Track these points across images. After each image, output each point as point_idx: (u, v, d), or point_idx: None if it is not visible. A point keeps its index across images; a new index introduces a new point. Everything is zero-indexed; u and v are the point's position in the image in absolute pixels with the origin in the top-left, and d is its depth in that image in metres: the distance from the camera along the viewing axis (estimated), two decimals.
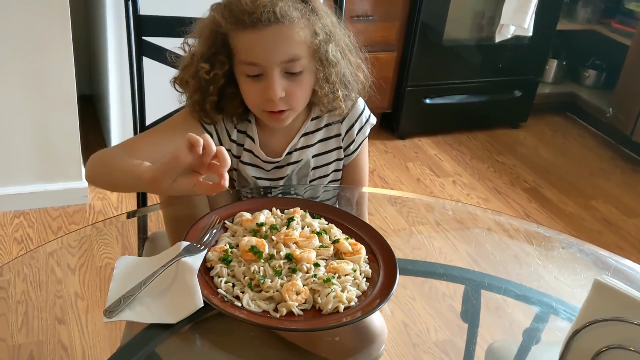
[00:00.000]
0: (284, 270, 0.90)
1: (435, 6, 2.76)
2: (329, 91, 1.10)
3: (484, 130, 3.16)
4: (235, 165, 1.19)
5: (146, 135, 1.20)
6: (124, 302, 0.82)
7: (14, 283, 0.94)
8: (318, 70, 1.08)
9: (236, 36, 1.04)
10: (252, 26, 1.00)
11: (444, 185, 2.69)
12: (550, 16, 2.96)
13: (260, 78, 1.04)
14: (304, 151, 1.18)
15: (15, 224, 2.16)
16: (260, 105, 1.07)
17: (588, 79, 3.39)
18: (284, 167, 1.19)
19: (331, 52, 1.07)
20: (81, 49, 2.67)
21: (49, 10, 1.98)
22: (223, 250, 0.92)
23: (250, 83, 1.05)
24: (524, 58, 3.05)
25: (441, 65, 2.93)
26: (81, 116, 2.23)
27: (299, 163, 1.19)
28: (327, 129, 1.19)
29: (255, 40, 1.01)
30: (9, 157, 2.17)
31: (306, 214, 1.02)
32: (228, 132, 1.16)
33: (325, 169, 1.22)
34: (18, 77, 2.05)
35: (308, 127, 1.18)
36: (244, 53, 1.04)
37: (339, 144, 1.20)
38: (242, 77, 1.06)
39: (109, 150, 1.13)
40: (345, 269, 0.91)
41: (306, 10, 1.04)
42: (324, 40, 1.06)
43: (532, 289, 1.06)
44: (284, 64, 1.03)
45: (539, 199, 2.67)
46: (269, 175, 1.20)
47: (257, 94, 1.06)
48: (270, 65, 1.02)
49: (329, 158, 1.21)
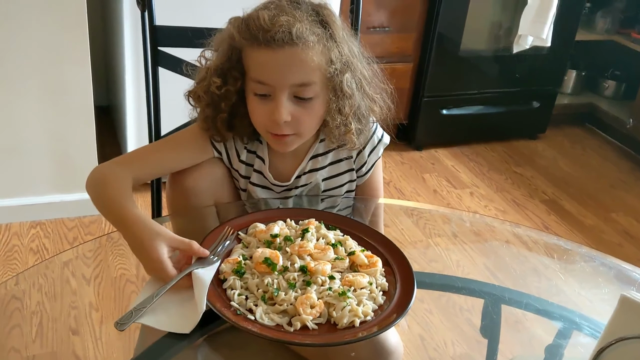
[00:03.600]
0: (298, 283, 0.88)
1: (452, 17, 2.74)
2: (341, 123, 1.06)
3: (501, 142, 3.12)
4: (244, 185, 1.17)
5: (153, 149, 1.18)
6: (135, 315, 0.81)
7: (29, 293, 0.94)
8: (331, 101, 1.04)
9: (249, 52, 1.01)
10: (265, 44, 0.98)
11: (461, 196, 2.66)
12: (569, 26, 2.93)
13: (269, 99, 1.01)
14: (313, 174, 1.15)
15: (31, 234, 2.16)
16: (265, 125, 1.04)
17: (607, 90, 3.35)
18: (292, 190, 1.17)
19: (346, 83, 1.03)
20: (98, 61, 2.69)
21: (67, 22, 1.99)
22: (236, 262, 0.90)
23: (258, 102, 1.03)
24: (542, 69, 3.01)
25: (458, 76, 2.90)
26: (98, 127, 2.23)
27: (308, 186, 1.17)
28: (336, 152, 1.16)
29: (266, 60, 0.99)
30: (26, 168, 2.17)
31: (321, 225, 1.01)
32: (238, 153, 1.14)
33: (338, 192, 1.19)
34: (36, 88, 2.06)
35: (317, 150, 1.15)
36: (254, 70, 1.01)
37: (350, 166, 1.18)
38: (251, 95, 1.04)
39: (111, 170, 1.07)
40: (361, 282, 0.89)
41: (324, 36, 1.01)
42: (339, 70, 1.02)
43: (553, 303, 1.03)
44: (294, 88, 1.00)
45: (558, 211, 2.62)
46: (278, 197, 1.18)
47: (263, 114, 1.03)
48: (280, 86, 0.99)
49: (340, 180, 1.18)
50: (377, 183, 1.23)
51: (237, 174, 1.17)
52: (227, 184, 1.17)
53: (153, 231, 0.91)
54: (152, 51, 1.30)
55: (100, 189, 1.02)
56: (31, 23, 1.95)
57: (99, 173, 1.06)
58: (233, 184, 1.19)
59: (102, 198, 1.01)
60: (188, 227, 1.12)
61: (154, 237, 0.90)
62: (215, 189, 1.13)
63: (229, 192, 1.18)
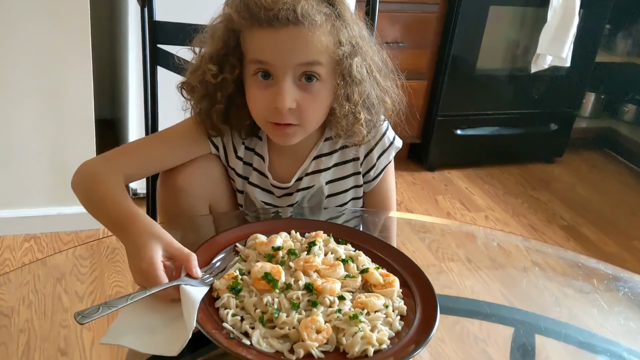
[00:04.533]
0: (303, 304, 0.80)
1: (468, 34, 2.70)
2: (349, 112, 0.98)
3: (517, 164, 3.07)
4: (241, 186, 1.10)
5: (144, 143, 1.10)
6: (102, 311, 0.73)
7: (18, 310, 0.89)
8: (339, 86, 0.97)
9: (249, 34, 0.93)
10: (267, 24, 0.90)
11: (476, 220, 2.58)
12: (589, 48, 2.89)
13: (270, 84, 0.94)
14: (316, 176, 1.08)
15: (24, 248, 2.11)
16: (265, 114, 0.96)
17: (627, 114, 3.31)
18: (293, 194, 1.09)
19: (355, 68, 0.96)
20: (104, 74, 2.69)
21: (69, 30, 1.97)
22: (232, 277, 0.82)
23: (258, 87, 0.95)
24: (560, 90, 2.96)
25: (473, 95, 2.86)
26: (101, 140, 2.21)
27: (310, 190, 1.09)
28: (342, 152, 1.08)
29: (269, 40, 0.91)
30: (22, 179, 2.14)
31: (330, 238, 0.93)
32: (235, 148, 1.07)
33: (342, 197, 1.11)
34: (34, 96, 2.03)
35: (321, 149, 1.07)
36: (255, 53, 0.93)
37: (356, 169, 1.10)
38: (250, 80, 0.96)
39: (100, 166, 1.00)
40: (375, 304, 0.80)
41: (332, 15, 0.94)
42: (348, 53, 0.95)
43: (596, 334, 0.93)
44: (298, 69, 0.92)
45: (577, 237, 2.55)
46: (278, 202, 1.10)
47: (264, 101, 0.95)
48: (283, 67, 0.92)
49: (345, 185, 1.10)
50: (388, 192, 1.15)
51: (233, 172, 1.10)
52: (222, 184, 1.10)
53: (153, 231, 0.84)
54: (151, 48, 1.26)
55: (90, 187, 0.95)
56: (31, 29, 1.93)
57: (87, 170, 0.99)
58: (229, 184, 1.12)
59: (92, 197, 0.94)
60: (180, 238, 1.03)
61: (151, 237, 0.83)
62: (209, 189, 1.07)
63: (224, 192, 1.11)
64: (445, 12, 2.65)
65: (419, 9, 2.61)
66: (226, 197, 1.11)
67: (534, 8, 2.73)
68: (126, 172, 0.98)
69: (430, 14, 2.63)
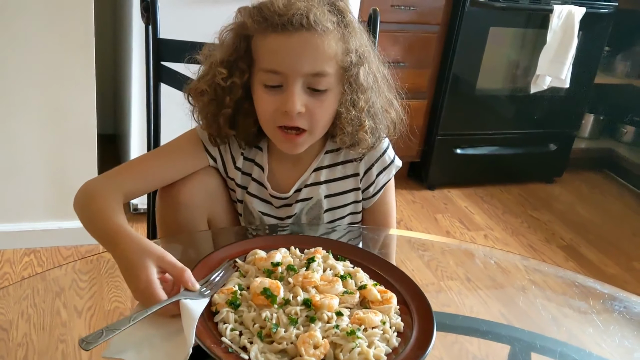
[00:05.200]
0: (301, 319, 0.79)
1: (468, 54, 2.71)
2: (355, 117, 1.00)
3: (517, 184, 3.07)
4: (240, 196, 1.10)
5: (143, 159, 1.11)
6: (106, 335, 0.73)
7: (17, 324, 0.88)
8: (345, 93, 0.98)
9: (261, 39, 0.96)
10: (281, 29, 0.93)
11: (475, 239, 2.57)
12: (588, 69, 2.91)
13: (279, 90, 0.96)
14: (315, 188, 1.08)
15: (24, 262, 2.10)
16: (274, 119, 0.98)
17: (626, 135, 3.31)
18: (292, 205, 1.09)
19: (362, 76, 0.98)
20: (107, 89, 2.69)
21: (73, 46, 1.97)
22: (231, 292, 0.82)
23: (267, 93, 0.97)
24: (559, 111, 2.97)
25: (473, 115, 2.86)
26: (103, 155, 2.20)
27: (309, 202, 1.09)
28: (343, 167, 1.09)
29: (280, 45, 0.93)
30: (23, 193, 2.12)
31: (329, 254, 0.92)
32: (234, 159, 1.08)
33: (341, 212, 1.12)
34: (36, 110, 2.02)
35: (321, 161, 1.08)
36: (265, 59, 0.95)
37: (356, 184, 1.10)
38: (259, 87, 0.98)
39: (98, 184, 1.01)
40: (372, 320, 0.80)
41: (341, 24, 0.96)
42: (356, 61, 0.97)
43: (592, 353, 0.92)
44: (308, 78, 0.94)
45: (577, 258, 2.53)
46: (277, 212, 1.10)
47: (273, 106, 0.96)
48: (293, 74, 0.94)
49: (344, 200, 1.11)
50: (388, 210, 1.15)
51: (233, 183, 1.10)
52: (221, 197, 1.10)
53: (143, 248, 0.83)
54: (155, 65, 1.26)
55: (86, 204, 0.96)
56: (36, 44, 1.93)
57: (87, 188, 0.99)
58: (227, 197, 1.12)
59: (87, 213, 0.95)
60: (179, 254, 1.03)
61: (144, 254, 0.82)
62: (208, 202, 1.07)
63: (223, 206, 1.11)
64: (446, 32, 2.66)
65: (420, 29, 2.63)
66: (225, 210, 1.11)
67: (534, 29, 2.75)
68: (126, 189, 0.99)
69: (431, 34, 2.65)
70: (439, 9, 2.61)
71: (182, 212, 1.04)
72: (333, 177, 1.09)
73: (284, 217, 1.10)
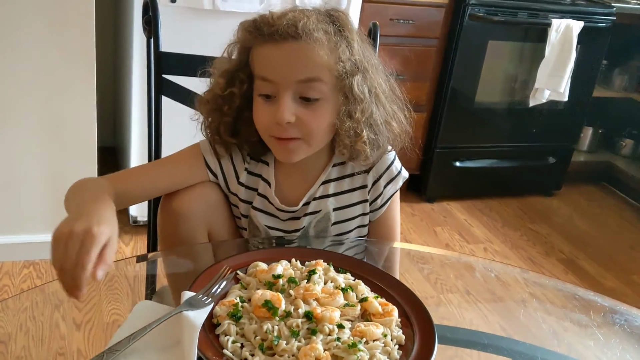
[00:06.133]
0: (302, 331, 0.79)
1: (467, 68, 2.73)
2: (351, 128, 0.99)
3: (516, 197, 3.07)
4: (245, 211, 1.10)
5: (144, 165, 1.13)
6: (106, 357, 0.72)
7: (16, 337, 0.87)
8: (341, 103, 0.99)
9: (256, 49, 0.99)
10: (269, 38, 0.95)
11: (475, 251, 2.56)
12: (586, 82, 2.92)
13: (273, 100, 0.97)
14: (323, 201, 1.08)
15: (23, 274, 2.09)
16: (268, 129, 0.99)
17: (625, 149, 3.31)
18: (300, 219, 1.09)
19: (357, 86, 0.98)
20: (108, 102, 2.69)
21: (74, 59, 1.97)
22: (232, 305, 0.81)
23: (262, 104, 0.99)
24: (558, 124, 2.98)
25: (472, 128, 2.87)
26: (102, 168, 2.19)
27: (317, 215, 1.09)
28: (351, 180, 1.09)
29: (270, 54, 0.96)
30: (22, 205, 2.12)
31: (330, 267, 0.92)
32: (237, 174, 1.08)
33: (348, 225, 1.11)
34: (36, 122, 2.01)
35: (329, 174, 1.09)
36: (259, 67, 0.98)
37: (364, 196, 1.10)
38: (256, 97, 1.00)
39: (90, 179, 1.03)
40: (374, 333, 0.79)
41: (335, 33, 0.97)
42: (349, 71, 0.97)
43: None
44: (299, 86, 0.95)
45: (576, 271, 2.53)
46: (284, 226, 1.10)
47: (267, 116, 0.98)
48: (284, 83, 0.95)
49: (352, 212, 1.11)
50: (394, 223, 1.15)
51: (236, 198, 1.10)
52: (221, 210, 1.10)
53: (111, 218, 0.83)
54: (157, 78, 1.26)
55: (70, 193, 0.95)
56: (37, 57, 1.93)
57: (78, 180, 1.00)
58: (228, 211, 1.12)
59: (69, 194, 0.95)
60: (178, 265, 1.05)
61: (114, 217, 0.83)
62: (208, 214, 1.07)
63: (223, 219, 1.11)
64: (445, 46, 2.68)
65: (419, 43, 2.64)
66: (225, 224, 1.11)
67: (532, 43, 2.77)
68: (119, 188, 0.98)
69: (430, 48, 2.66)
70: (437, 22, 2.62)
71: (181, 224, 1.04)
72: (341, 189, 1.09)
73: (291, 230, 1.10)
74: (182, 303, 0.79)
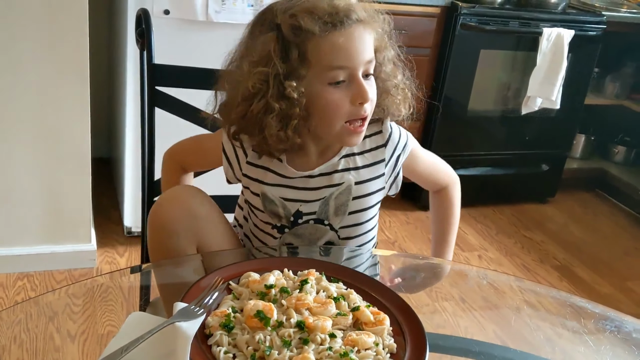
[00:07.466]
0: (294, 341, 0.79)
1: (460, 77, 2.74)
2: (383, 91, 1.08)
3: (510, 205, 3.07)
4: (257, 190, 1.12)
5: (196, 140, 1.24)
6: None
7: (9, 349, 0.87)
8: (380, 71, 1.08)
9: (321, 41, 1.00)
10: (342, 25, 1.00)
11: (469, 259, 2.57)
12: (578, 90, 2.93)
13: (343, 85, 1.01)
14: (346, 174, 1.11)
15: (17, 286, 2.08)
16: (348, 113, 1.02)
17: (617, 155, 3.32)
18: (321, 189, 1.10)
19: (387, 57, 1.08)
20: (102, 113, 2.69)
21: (68, 70, 1.97)
22: (225, 315, 0.81)
23: (335, 91, 1.01)
24: (551, 131, 2.99)
25: (465, 137, 2.88)
26: (96, 178, 2.20)
27: (339, 187, 1.11)
28: (372, 154, 1.13)
29: (344, 41, 1.00)
30: (16, 216, 2.11)
31: (322, 276, 0.92)
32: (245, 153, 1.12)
33: (368, 200, 1.14)
34: (30, 134, 2.01)
35: (349, 149, 1.11)
36: (330, 57, 1.00)
37: (381, 170, 1.13)
38: (324, 88, 1.01)
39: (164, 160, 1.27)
40: (365, 341, 0.80)
41: (370, 13, 1.05)
42: (383, 45, 1.07)
43: None
44: (365, 65, 1.02)
45: (570, 277, 2.53)
46: (300, 195, 1.11)
47: (346, 101, 1.01)
48: (357, 66, 1.01)
49: (372, 187, 1.13)
50: (434, 166, 1.26)
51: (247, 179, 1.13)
52: (210, 223, 1.10)
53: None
54: (150, 90, 1.27)
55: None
56: (31, 68, 1.93)
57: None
58: (217, 225, 1.12)
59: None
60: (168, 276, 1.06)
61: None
62: (196, 228, 1.07)
63: (213, 232, 1.10)
64: (437, 55, 2.69)
65: (411, 52, 2.62)
66: (214, 238, 1.11)
67: (524, 52, 2.78)
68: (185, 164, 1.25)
69: (423, 57, 2.67)
70: (429, 32, 2.64)
71: (168, 239, 1.04)
72: (362, 163, 1.12)
73: (310, 200, 1.11)
74: (175, 314, 0.79)
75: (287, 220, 1.12)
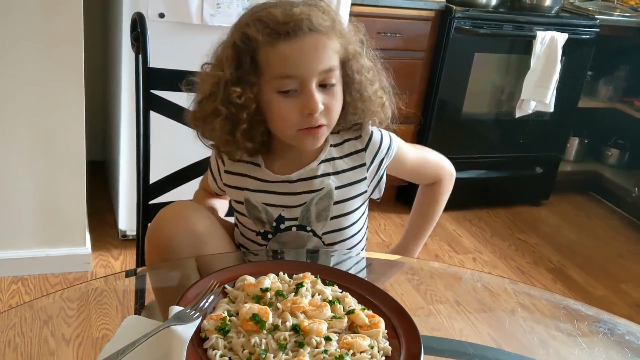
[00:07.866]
0: (290, 344, 0.79)
1: (454, 80, 2.75)
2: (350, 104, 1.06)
3: (504, 207, 3.08)
4: (240, 197, 1.12)
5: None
6: None
7: (4, 353, 0.88)
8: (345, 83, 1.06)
9: (270, 50, 1.00)
10: (293, 34, 0.98)
11: (464, 262, 2.57)
12: (572, 93, 2.95)
13: (295, 94, 1.00)
14: (326, 179, 1.11)
15: (12, 290, 2.07)
16: (298, 123, 1.02)
17: (611, 158, 3.34)
18: (299, 195, 1.10)
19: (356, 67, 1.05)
20: (97, 116, 2.69)
21: (63, 74, 1.96)
22: (220, 319, 0.81)
23: (285, 100, 1.01)
24: (544, 134, 3.00)
25: (460, 140, 2.89)
26: (91, 181, 2.20)
27: (320, 192, 1.11)
28: (351, 158, 1.12)
29: (292, 51, 0.99)
30: (11, 220, 2.10)
31: (317, 280, 0.92)
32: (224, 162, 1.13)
33: (350, 204, 1.13)
34: (25, 137, 2.01)
35: (329, 153, 1.12)
36: (278, 66, 1.00)
37: (363, 174, 1.13)
38: (274, 96, 1.01)
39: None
40: (361, 344, 0.80)
41: (333, 21, 1.03)
42: (351, 53, 1.05)
43: None
44: (321, 75, 1.00)
45: (564, 280, 2.54)
46: (282, 201, 1.11)
47: (295, 111, 1.01)
48: (309, 76, 0.99)
49: (354, 191, 1.13)
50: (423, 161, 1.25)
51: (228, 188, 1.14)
52: (210, 239, 1.10)
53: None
54: (145, 94, 1.26)
55: None
56: (26, 72, 1.93)
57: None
58: (216, 240, 1.12)
59: None
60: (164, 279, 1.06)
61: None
62: (195, 245, 1.06)
63: (212, 248, 1.10)
64: (432, 58, 2.70)
65: (406, 56, 2.65)
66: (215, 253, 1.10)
67: (518, 55, 2.79)
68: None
69: (417, 61, 2.68)
70: (424, 35, 2.65)
71: (167, 255, 1.04)
72: (342, 168, 1.12)
73: (292, 206, 1.11)
74: (170, 317, 0.79)
75: (270, 225, 1.12)
